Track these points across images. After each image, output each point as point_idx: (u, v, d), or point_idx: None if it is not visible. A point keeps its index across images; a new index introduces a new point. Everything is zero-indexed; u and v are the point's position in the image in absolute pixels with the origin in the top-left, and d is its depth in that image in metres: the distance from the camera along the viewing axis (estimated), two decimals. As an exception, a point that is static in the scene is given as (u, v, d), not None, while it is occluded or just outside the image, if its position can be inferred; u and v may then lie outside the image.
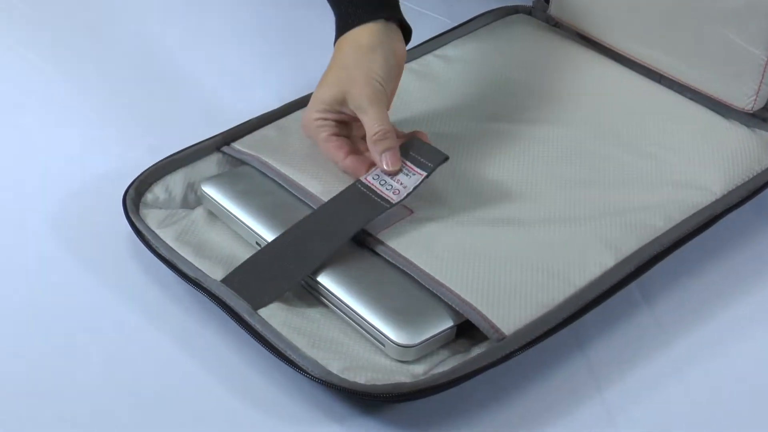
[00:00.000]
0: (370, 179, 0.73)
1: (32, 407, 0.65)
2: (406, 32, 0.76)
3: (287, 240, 0.70)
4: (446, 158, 0.73)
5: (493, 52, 0.90)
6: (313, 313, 0.68)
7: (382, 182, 0.72)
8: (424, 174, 0.72)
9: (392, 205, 0.71)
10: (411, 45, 0.80)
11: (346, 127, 0.75)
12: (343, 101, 0.72)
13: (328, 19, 0.77)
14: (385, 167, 0.72)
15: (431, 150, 0.73)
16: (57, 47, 0.95)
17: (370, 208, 0.71)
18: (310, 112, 0.74)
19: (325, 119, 0.73)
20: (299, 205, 0.74)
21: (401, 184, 0.72)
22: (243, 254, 0.72)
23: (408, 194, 0.72)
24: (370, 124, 0.71)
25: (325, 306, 0.69)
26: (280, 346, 0.65)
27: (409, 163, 0.72)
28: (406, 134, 0.76)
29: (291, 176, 0.75)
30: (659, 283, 0.74)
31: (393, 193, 0.71)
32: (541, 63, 0.89)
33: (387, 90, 0.72)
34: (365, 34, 0.72)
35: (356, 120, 0.74)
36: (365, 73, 0.71)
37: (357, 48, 0.72)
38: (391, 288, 0.68)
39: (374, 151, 0.72)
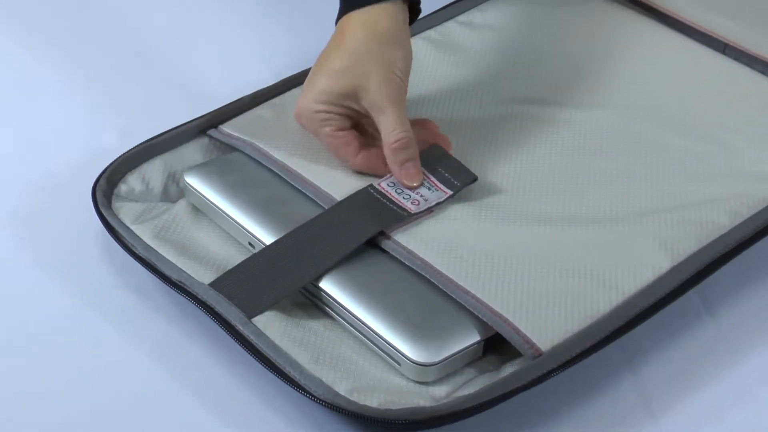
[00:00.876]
0: (384, 186, 0.73)
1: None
2: (413, 16, 0.75)
3: (288, 244, 0.70)
4: (475, 179, 0.74)
5: (528, 19, 0.90)
6: (316, 325, 0.69)
7: (399, 191, 0.73)
8: (450, 193, 0.73)
9: (410, 214, 0.72)
10: (429, 10, 0.80)
11: (352, 119, 0.74)
12: (353, 96, 0.71)
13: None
14: (405, 182, 0.71)
15: (459, 167, 0.74)
16: (19, 16, 0.96)
17: (385, 216, 0.72)
18: (308, 102, 0.72)
19: (329, 112, 0.72)
20: (300, 199, 0.74)
21: (421, 195, 0.73)
22: (234, 256, 0.72)
23: (429, 208, 0.72)
24: (390, 128, 0.70)
25: (330, 317, 0.69)
26: (279, 362, 0.65)
27: (433, 178, 0.73)
28: (412, 120, 0.75)
29: (290, 165, 0.76)
30: (723, 290, 0.74)
31: (411, 203, 0.72)
32: (583, 32, 0.89)
33: (407, 87, 0.71)
34: (383, 17, 0.70)
35: (365, 116, 0.73)
36: (385, 67, 0.69)
37: (373, 34, 0.70)
38: (407, 296, 0.68)
39: (393, 162, 0.72)
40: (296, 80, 0.83)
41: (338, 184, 0.74)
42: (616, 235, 0.72)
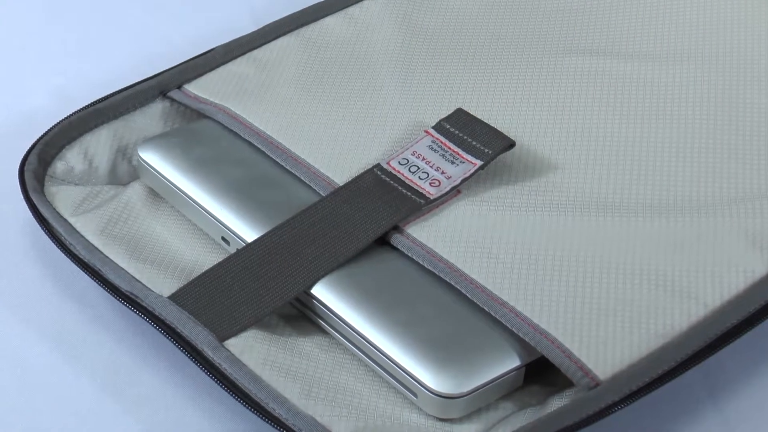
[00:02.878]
0: (394, 165, 0.74)
1: None
2: None
3: (272, 244, 0.71)
4: (512, 144, 0.75)
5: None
6: (308, 346, 0.69)
7: (413, 169, 0.74)
8: (478, 164, 0.73)
9: (429, 201, 0.72)
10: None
11: None
12: None
13: None
14: None
15: (490, 132, 0.75)
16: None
17: (397, 205, 0.72)
18: None
19: None
20: (288, 183, 0.75)
21: (443, 172, 0.74)
22: (202, 257, 0.73)
23: (453, 187, 0.73)
24: None
25: (326, 334, 0.70)
26: (260, 396, 0.65)
27: (455, 147, 0.74)
28: None
29: (276, 137, 0.77)
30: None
31: (430, 184, 0.73)
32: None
33: None
34: None
35: None
36: None
37: None
38: (426, 308, 0.68)
39: None
40: (284, 26, 0.84)
41: (340, 163, 0.75)
42: (697, 229, 0.71)
